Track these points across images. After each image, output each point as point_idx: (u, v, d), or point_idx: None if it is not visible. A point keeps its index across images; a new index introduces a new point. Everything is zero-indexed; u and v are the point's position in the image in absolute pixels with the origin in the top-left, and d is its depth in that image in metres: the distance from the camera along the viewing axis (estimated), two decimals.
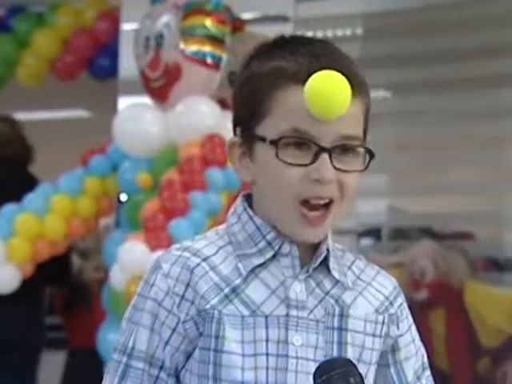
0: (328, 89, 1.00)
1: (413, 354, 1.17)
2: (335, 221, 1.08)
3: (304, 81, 1.02)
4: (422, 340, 1.21)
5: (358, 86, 1.05)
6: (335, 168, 1.03)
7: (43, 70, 4.07)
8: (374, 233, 3.83)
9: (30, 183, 3.32)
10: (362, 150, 1.07)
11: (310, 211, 1.05)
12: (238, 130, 1.12)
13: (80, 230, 3.18)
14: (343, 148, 1.05)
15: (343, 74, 1.01)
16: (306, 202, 1.05)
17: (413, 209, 3.84)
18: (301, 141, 1.04)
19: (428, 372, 1.20)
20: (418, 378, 1.18)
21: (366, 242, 3.81)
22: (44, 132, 3.68)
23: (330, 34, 3.78)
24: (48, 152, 3.69)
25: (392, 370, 1.16)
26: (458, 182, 3.68)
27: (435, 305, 3.50)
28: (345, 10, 3.81)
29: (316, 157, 1.03)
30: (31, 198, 3.10)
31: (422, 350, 1.20)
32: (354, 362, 1.01)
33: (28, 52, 4.05)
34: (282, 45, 1.10)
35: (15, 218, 3.03)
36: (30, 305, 3.49)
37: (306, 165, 1.03)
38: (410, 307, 1.20)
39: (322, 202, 1.05)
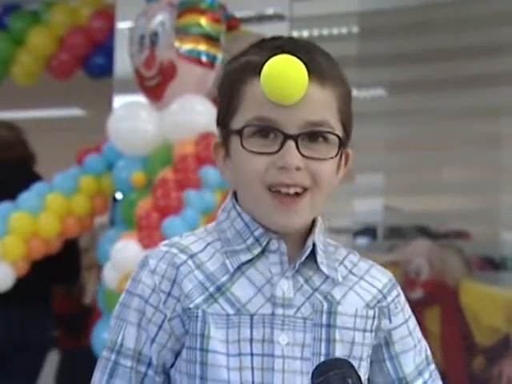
0: (280, 71, 1.00)
1: (410, 347, 1.16)
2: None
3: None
4: None
5: (324, 73, 1.05)
6: (303, 155, 1.03)
7: (38, 68, 4.06)
8: (369, 232, 3.83)
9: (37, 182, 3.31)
10: (333, 137, 1.06)
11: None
12: (218, 130, 1.13)
13: (74, 229, 3.18)
14: (311, 135, 1.04)
15: (302, 60, 1.01)
16: (276, 193, 1.04)
17: (408, 208, 3.84)
18: (265, 128, 1.04)
19: (432, 366, 1.19)
20: (420, 373, 1.16)
21: (362, 240, 3.80)
22: (39, 130, 3.67)
23: (325, 32, 3.78)
24: (43, 150, 3.68)
25: (388, 363, 1.15)
26: (453, 180, 3.68)
27: (430, 304, 3.50)
28: (340, 9, 3.81)
29: (282, 145, 1.03)
30: (26, 197, 3.10)
31: (423, 344, 1.18)
32: (345, 358, 1.04)
33: (23, 50, 4.05)
34: (255, 44, 1.11)
35: (9, 217, 3.03)
36: (39, 305, 3.50)
37: (272, 153, 1.03)
38: None
39: (292, 191, 1.04)
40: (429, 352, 1.19)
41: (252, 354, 1.05)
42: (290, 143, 1.03)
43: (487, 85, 3.55)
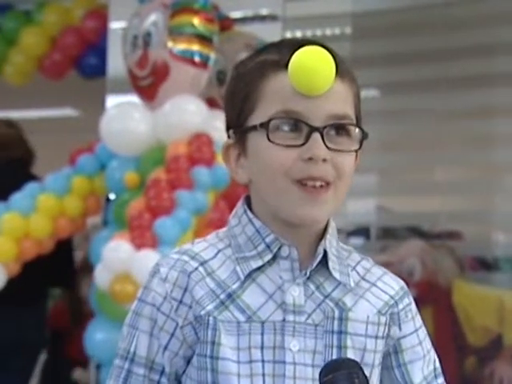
0: (310, 62, 1.01)
1: (419, 357, 1.14)
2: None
3: (287, 65, 1.03)
4: None
5: (344, 69, 1.06)
6: (328, 148, 1.03)
7: (31, 68, 4.05)
8: (362, 232, 3.83)
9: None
10: (355, 130, 1.06)
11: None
12: (231, 132, 1.11)
13: (67, 230, 3.17)
14: (335, 128, 1.05)
15: (328, 51, 1.02)
16: (302, 186, 1.04)
17: (401, 208, 3.84)
18: (291, 121, 1.03)
19: (441, 380, 1.17)
20: None
21: (355, 241, 3.80)
22: (32, 130, 3.65)
23: (318, 33, 3.78)
24: (35, 151, 3.67)
25: (396, 372, 1.14)
26: (446, 181, 3.68)
27: (423, 304, 3.49)
28: (334, 10, 3.81)
29: (308, 137, 1.03)
30: (17, 198, 3.09)
31: (433, 355, 1.17)
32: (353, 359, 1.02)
33: (15, 50, 4.04)
34: (267, 46, 1.12)
35: (1, 218, 3.02)
36: (35, 306, 3.50)
37: (298, 145, 1.03)
38: None
39: (318, 184, 1.03)
40: (438, 364, 1.17)
41: (263, 361, 1.05)
42: (316, 135, 1.03)
43: (480, 85, 3.56)
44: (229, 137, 1.12)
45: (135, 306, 1.11)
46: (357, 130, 1.06)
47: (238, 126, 1.09)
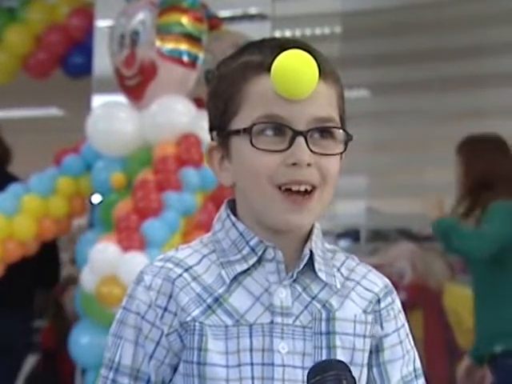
0: (293, 65, 1.00)
1: (399, 356, 1.13)
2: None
3: (270, 67, 1.01)
4: None
5: (327, 70, 1.05)
6: (312, 151, 1.02)
7: (15, 66, 4.00)
8: (352, 234, 3.82)
9: (11, 183, 3.25)
10: (339, 132, 1.06)
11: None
12: (214, 134, 1.10)
13: (51, 231, 3.13)
14: (319, 131, 1.04)
15: (310, 53, 1.01)
16: (286, 191, 1.03)
17: (391, 210, 3.83)
18: (274, 125, 1.03)
19: (421, 381, 1.15)
20: None
21: (344, 243, 3.78)
22: (16, 130, 3.61)
23: (308, 32, 3.75)
24: (20, 151, 3.63)
25: (375, 370, 1.12)
26: (436, 182, 3.67)
27: (413, 307, 3.48)
28: (323, 9, 3.79)
29: (292, 141, 1.02)
30: (1, 199, 3.05)
31: (413, 355, 1.15)
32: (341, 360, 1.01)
33: None
34: (248, 45, 1.10)
35: None
36: (22, 308, 3.47)
37: (282, 150, 1.02)
38: None
39: (303, 189, 1.03)
40: (418, 364, 1.15)
41: (252, 364, 1.04)
42: (300, 139, 1.02)
43: (471, 86, 3.55)
44: (212, 139, 1.11)
45: (119, 315, 1.10)
46: (341, 131, 1.06)
47: (221, 129, 1.08)
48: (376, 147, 3.68)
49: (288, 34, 3.74)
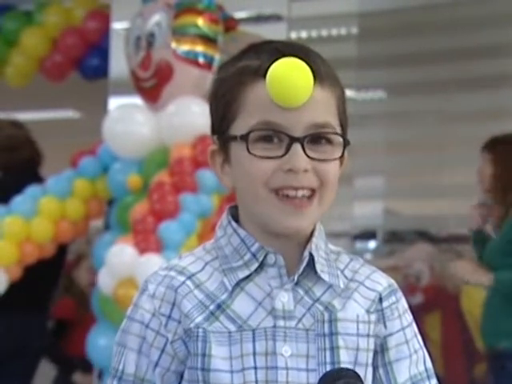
0: (287, 74, 1.00)
1: (405, 356, 1.12)
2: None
3: (266, 74, 1.02)
4: None
5: (324, 74, 1.05)
6: (309, 157, 1.03)
7: (32, 69, 4.02)
8: (369, 235, 3.80)
9: None
10: (337, 138, 1.06)
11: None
12: (215, 138, 1.11)
13: (68, 233, 3.14)
14: (316, 137, 1.05)
15: (304, 61, 1.01)
16: (284, 197, 1.04)
17: (409, 211, 3.81)
18: (270, 133, 1.03)
19: (434, 381, 1.14)
20: None
21: (361, 244, 3.77)
22: (33, 133, 3.61)
23: (324, 33, 3.73)
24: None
25: (381, 371, 1.12)
26: (454, 184, 3.64)
27: (431, 309, 3.46)
28: (339, 10, 3.77)
29: (288, 148, 1.03)
30: (19, 201, 3.05)
31: (422, 355, 1.14)
32: (350, 365, 1.04)
33: (16, 51, 4.01)
34: (248, 49, 1.10)
35: (2, 221, 2.98)
36: (39, 312, 3.49)
37: (278, 157, 1.03)
38: None
39: (300, 194, 1.04)
40: (429, 365, 1.14)
41: (256, 368, 1.04)
42: (297, 146, 1.03)
43: (488, 86, 3.52)
44: (214, 142, 1.12)
45: (124, 324, 1.12)
46: (337, 137, 1.06)
47: (220, 133, 1.09)
48: (393, 148, 3.65)
49: (304, 34, 3.73)
